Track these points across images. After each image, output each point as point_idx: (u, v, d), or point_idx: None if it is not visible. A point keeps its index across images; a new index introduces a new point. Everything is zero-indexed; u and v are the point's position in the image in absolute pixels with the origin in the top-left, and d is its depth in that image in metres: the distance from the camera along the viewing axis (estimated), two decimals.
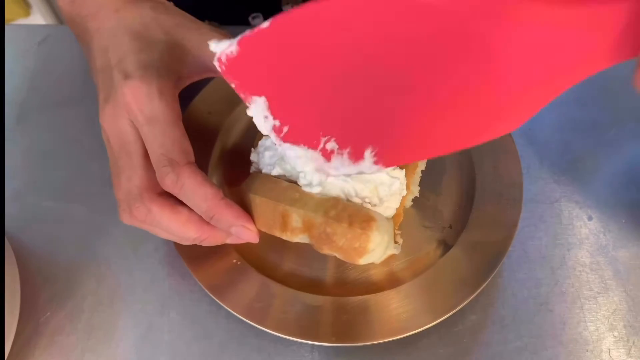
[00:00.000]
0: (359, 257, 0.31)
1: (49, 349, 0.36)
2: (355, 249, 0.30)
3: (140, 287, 0.38)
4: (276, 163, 0.33)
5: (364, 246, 0.30)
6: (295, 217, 0.31)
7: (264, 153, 0.35)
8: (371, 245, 0.30)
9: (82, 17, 0.35)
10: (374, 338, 0.33)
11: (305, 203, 0.31)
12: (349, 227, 0.30)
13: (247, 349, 0.35)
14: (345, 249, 0.31)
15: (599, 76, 0.48)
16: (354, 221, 0.30)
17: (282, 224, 0.32)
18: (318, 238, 0.31)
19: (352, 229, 0.30)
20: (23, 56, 0.50)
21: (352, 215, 0.30)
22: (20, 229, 0.40)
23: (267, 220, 0.32)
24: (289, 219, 0.32)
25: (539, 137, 0.45)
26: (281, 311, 0.34)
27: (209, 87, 0.43)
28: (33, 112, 0.47)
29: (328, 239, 0.31)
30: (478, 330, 0.36)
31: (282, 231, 0.32)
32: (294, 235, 0.32)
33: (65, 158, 0.44)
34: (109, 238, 0.40)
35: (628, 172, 0.43)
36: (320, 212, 0.31)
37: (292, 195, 0.32)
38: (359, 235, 0.30)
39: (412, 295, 0.35)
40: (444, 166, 0.41)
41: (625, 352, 0.35)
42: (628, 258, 0.39)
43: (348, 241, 0.30)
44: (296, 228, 0.32)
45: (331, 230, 0.30)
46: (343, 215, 0.31)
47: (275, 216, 0.32)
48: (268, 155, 0.34)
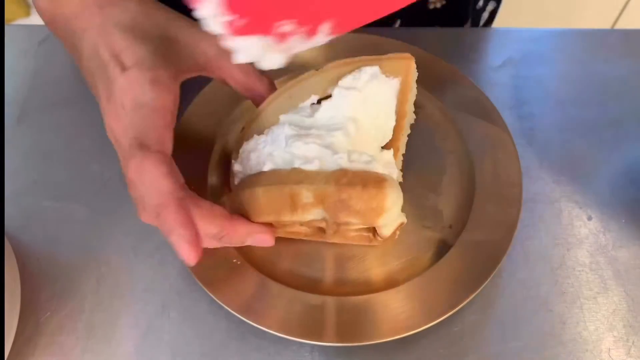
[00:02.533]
0: (378, 217, 0.31)
1: (49, 349, 0.36)
2: (374, 209, 0.31)
3: (140, 287, 0.38)
4: (267, 159, 0.34)
5: (381, 205, 0.31)
6: (305, 194, 0.31)
7: (249, 157, 0.35)
8: (388, 203, 0.31)
9: (64, 17, 0.33)
10: (374, 338, 0.33)
11: (314, 179, 0.32)
12: (364, 188, 0.31)
13: (247, 348, 0.35)
14: (364, 211, 0.31)
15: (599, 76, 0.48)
16: (368, 183, 0.31)
17: (292, 205, 0.32)
18: (334, 207, 0.31)
19: (367, 190, 0.30)
20: (23, 56, 0.50)
21: (365, 179, 0.31)
22: (20, 229, 0.40)
23: (275, 207, 0.32)
24: (299, 197, 0.32)
25: (538, 137, 0.45)
26: (281, 311, 0.34)
27: (209, 87, 0.43)
28: (33, 112, 0.47)
29: (344, 205, 0.31)
30: (478, 330, 0.36)
31: (293, 211, 0.32)
32: (305, 212, 0.32)
33: (65, 158, 0.44)
34: (109, 238, 0.40)
35: (628, 172, 0.43)
36: (331, 182, 0.31)
37: (297, 176, 0.32)
38: (375, 195, 0.30)
39: (412, 295, 0.35)
40: (444, 166, 0.41)
41: (625, 352, 0.35)
42: (628, 258, 0.39)
43: (365, 202, 0.31)
44: (307, 204, 0.32)
45: (346, 195, 0.31)
46: (355, 180, 0.31)
47: (283, 199, 0.32)
48: (254, 157, 0.35)
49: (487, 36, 0.53)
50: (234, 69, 0.35)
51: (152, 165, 0.28)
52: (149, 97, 0.30)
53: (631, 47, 0.50)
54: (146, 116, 0.29)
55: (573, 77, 0.48)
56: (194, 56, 0.33)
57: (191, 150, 0.41)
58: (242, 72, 0.35)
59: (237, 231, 0.31)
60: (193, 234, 0.28)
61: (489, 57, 0.50)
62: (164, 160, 0.28)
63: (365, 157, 0.33)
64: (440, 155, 0.42)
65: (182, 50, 0.33)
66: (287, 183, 0.32)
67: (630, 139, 0.44)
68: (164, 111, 0.30)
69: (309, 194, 0.31)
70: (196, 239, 0.28)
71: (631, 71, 0.49)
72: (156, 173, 0.28)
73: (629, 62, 0.49)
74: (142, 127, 0.29)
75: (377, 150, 0.35)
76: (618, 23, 1.35)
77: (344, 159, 0.32)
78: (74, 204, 0.42)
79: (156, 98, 0.30)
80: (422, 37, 0.51)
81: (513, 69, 0.49)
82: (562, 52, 0.51)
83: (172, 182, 0.28)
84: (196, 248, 0.28)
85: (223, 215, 0.31)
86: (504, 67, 0.49)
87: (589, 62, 0.49)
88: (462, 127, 0.42)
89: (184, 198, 0.28)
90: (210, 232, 0.30)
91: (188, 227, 0.28)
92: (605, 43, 0.50)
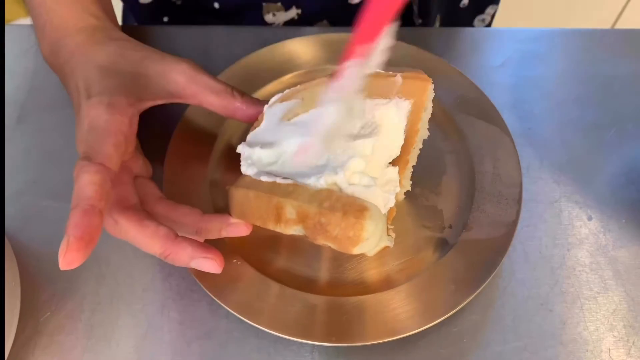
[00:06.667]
0: (353, 246, 0.31)
1: (49, 349, 0.36)
2: (350, 238, 0.30)
3: (140, 287, 0.38)
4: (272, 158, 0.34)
5: (358, 235, 0.30)
6: (289, 209, 0.31)
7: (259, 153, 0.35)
8: (365, 234, 0.30)
9: (60, 65, 0.39)
10: (374, 338, 0.33)
11: (299, 195, 0.32)
12: (343, 216, 0.30)
13: (247, 349, 0.35)
14: (340, 238, 0.31)
15: (599, 76, 0.48)
16: (348, 211, 0.30)
17: (276, 216, 0.32)
18: (312, 228, 0.31)
19: (346, 217, 0.30)
20: (23, 56, 0.50)
21: (346, 205, 0.31)
22: (20, 228, 0.40)
23: (262, 214, 0.33)
24: (283, 210, 0.32)
25: (539, 137, 0.45)
26: (281, 311, 0.34)
27: None
28: (33, 112, 0.47)
29: (322, 229, 0.31)
30: (478, 330, 0.36)
31: (276, 223, 0.32)
32: (287, 227, 0.32)
33: (65, 158, 0.44)
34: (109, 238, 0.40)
35: (628, 172, 0.43)
36: (315, 203, 0.31)
37: (286, 188, 0.32)
38: (353, 224, 0.30)
39: (412, 295, 0.35)
40: (444, 166, 0.41)
41: (625, 352, 0.35)
42: (628, 258, 0.39)
43: (342, 230, 0.30)
44: (290, 220, 0.32)
45: (325, 220, 0.31)
46: (337, 206, 0.31)
47: (270, 209, 0.32)
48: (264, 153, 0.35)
49: (486, 36, 0.53)
50: (206, 93, 0.38)
51: (85, 172, 0.30)
52: (102, 119, 0.33)
53: (631, 47, 0.50)
54: (97, 135, 0.33)
55: (573, 77, 0.48)
56: (165, 86, 0.37)
57: (192, 148, 0.41)
58: (214, 94, 0.38)
59: (179, 253, 0.33)
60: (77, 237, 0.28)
61: (488, 57, 0.50)
62: (99, 171, 0.31)
63: (366, 180, 0.32)
64: (440, 155, 0.42)
65: (150, 82, 0.37)
66: (275, 193, 0.32)
67: (630, 139, 0.44)
68: (115, 132, 0.33)
69: (293, 210, 0.31)
70: (77, 244, 0.28)
71: (631, 71, 0.49)
72: (86, 180, 0.30)
73: (629, 62, 0.49)
74: (91, 144, 0.32)
75: (382, 167, 0.34)
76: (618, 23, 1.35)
77: (341, 179, 0.32)
78: None
79: (109, 120, 0.33)
80: (422, 36, 0.51)
81: (513, 69, 0.49)
82: (562, 52, 0.51)
83: (94, 192, 0.30)
84: (71, 252, 0.28)
85: (167, 236, 0.32)
86: (504, 67, 0.49)
87: (589, 62, 0.49)
88: (462, 127, 0.42)
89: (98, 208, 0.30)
90: (155, 251, 0.33)
91: (77, 229, 0.28)
92: (605, 43, 0.50)
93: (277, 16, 0.57)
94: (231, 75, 0.44)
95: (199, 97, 0.38)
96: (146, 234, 0.32)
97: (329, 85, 0.33)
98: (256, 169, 0.34)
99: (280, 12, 0.57)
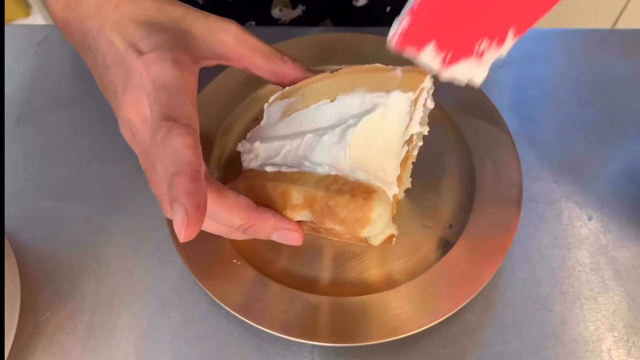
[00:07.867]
0: (362, 228, 0.31)
1: (49, 349, 0.36)
2: (358, 219, 0.31)
3: (140, 287, 0.38)
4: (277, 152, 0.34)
5: (366, 216, 0.30)
6: (295, 195, 0.31)
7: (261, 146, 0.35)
8: (374, 215, 0.30)
9: (79, 19, 0.33)
10: (374, 338, 0.33)
11: (306, 181, 0.32)
12: (352, 198, 0.30)
13: (247, 349, 0.35)
14: (348, 220, 0.31)
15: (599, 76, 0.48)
16: (356, 193, 0.30)
17: (282, 203, 0.32)
18: (320, 212, 0.31)
19: (354, 199, 0.30)
20: (23, 56, 0.50)
21: (354, 188, 0.31)
22: (20, 228, 0.40)
23: (267, 203, 0.32)
24: (289, 197, 0.32)
25: (539, 138, 0.45)
26: (281, 311, 0.34)
27: (209, 87, 0.43)
28: (33, 112, 0.47)
29: (330, 212, 0.31)
30: (478, 330, 0.36)
31: (283, 210, 0.32)
32: (294, 212, 0.32)
33: (65, 158, 0.44)
34: (109, 238, 0.40)
35: (628, 172, 0.43)
36: (322, 187, 0.31)
37: (292, 176, 0.32)
38: (361, 206, 0.30)
39: (412, 295, 0.35)
40: (444, 166, 0.41)
41: (625, 352, 0.35)
42: (628, 258, 0.39)
43: (351, 212, 0.31)
44: (297, 205, 0.32)
45: (333, 202, 0.31)
46: (345, 189, 0.31)
47: (275, 196, 0.32)
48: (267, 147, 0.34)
49: None
50: (255, 56, 0.35)
51: (177, 135, 0.27)
52: (172, 76, 0.29)
53: (631, 47, 0.50)
54: (172, 93, 0.29)
55: (573, 77, 0.48)
56: (212, 46, 0.33)
57: None
58: (264, 58, 0.35)
59: (263, 224, 0.31)
60: (194, 206, 0.25)
61: None
62: (190, 133, 0.27)
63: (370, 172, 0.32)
64: (440, 155, 0.42)
65: (199, 41, 0.33)
66: (281, 181, 0.32)
67: (630, 139, 0.44)
68: (189, 91, 0.29)
69: (299, 196, 0.31)
70: (196, 213, 0.25)
71: (631, 71, 0.48)
72: (180, 143, 0.27)
73: (629, 62, 0.49)
74: (169, 102, 0.28)
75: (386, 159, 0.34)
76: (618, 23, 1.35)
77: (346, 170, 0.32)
78: (74, 203, 0.42)
79: (179, 77, 0.29)
80: None
81: (513, 69, 0.49)
82: (562, 52, 0.51)
83: (194, 155, 0.27)
84: (193, 223, 0.25)
85: (249, 206, 0.30)
86: (504, 67, 0.49)
87: (589, 62, 0.49)
88: (462, 127, 0.42)
89: (202, 173, 0.27)
90: (234, 224, 0.30)
91: (191, 197, 0.25)
92: (605, 43, 0.50)
93: (284, 12, 0.57)
94: (232, 73, 0.44)
95: (247, 60, 0.35)
96: (226, 205, 0.29)
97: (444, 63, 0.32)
98: (260, 161, 0.34)
99: (287, 9, 0.57)
